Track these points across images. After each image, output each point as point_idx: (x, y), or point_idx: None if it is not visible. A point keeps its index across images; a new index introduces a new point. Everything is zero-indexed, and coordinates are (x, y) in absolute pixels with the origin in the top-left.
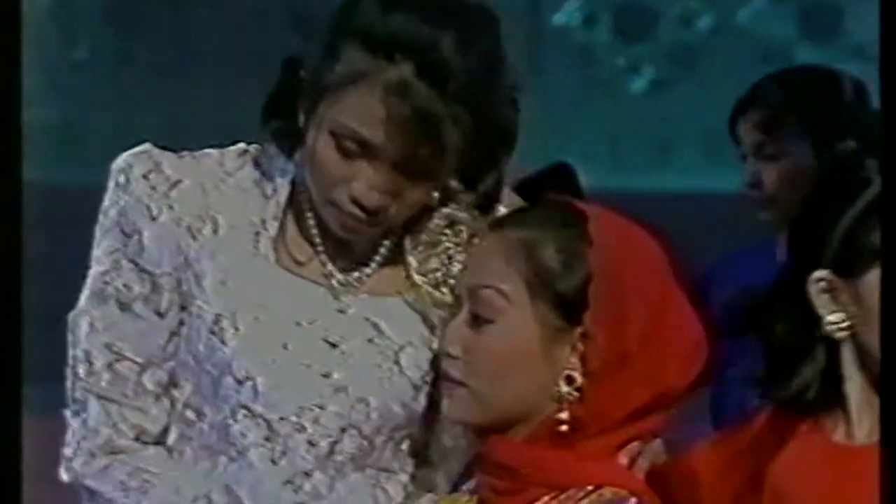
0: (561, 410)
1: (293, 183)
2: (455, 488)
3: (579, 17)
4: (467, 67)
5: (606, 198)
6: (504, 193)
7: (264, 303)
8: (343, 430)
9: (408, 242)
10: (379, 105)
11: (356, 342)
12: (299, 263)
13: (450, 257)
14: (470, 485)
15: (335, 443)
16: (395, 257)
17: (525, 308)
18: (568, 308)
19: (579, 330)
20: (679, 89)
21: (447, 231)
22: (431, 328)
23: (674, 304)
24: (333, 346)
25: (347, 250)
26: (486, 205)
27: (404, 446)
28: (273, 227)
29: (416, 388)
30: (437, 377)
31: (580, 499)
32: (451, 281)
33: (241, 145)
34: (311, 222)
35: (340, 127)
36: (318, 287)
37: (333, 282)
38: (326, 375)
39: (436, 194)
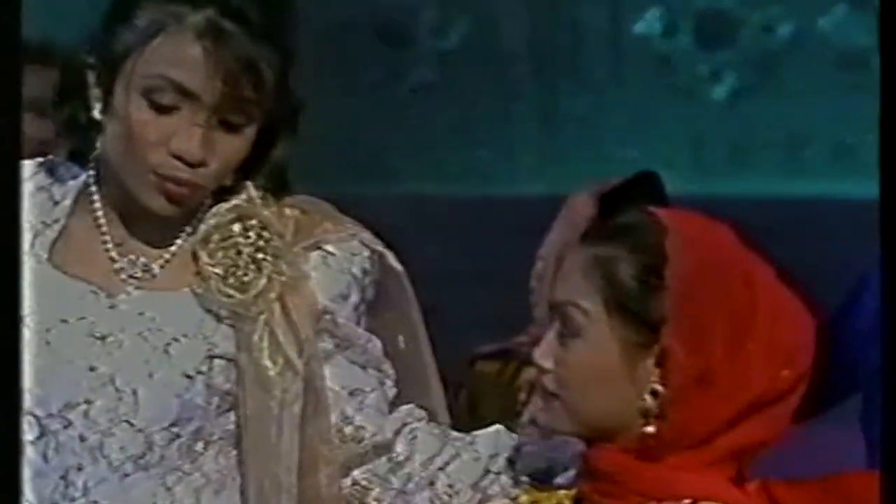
0: (648, 424)
1: (85, 185)
2: (548, 481)
3: (660, 26)
4: (263, 14)
5: (688, 204)
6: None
7: (29, 302)
8: (113, 423)
9: (198, 236)
10: (192, 47)
11: (126, 336)
12: (81, 263)
13: (238, 252)
14: (566, 477)
15: (106, 437)
16: (186, 252)
17: (603, 324)
18: (645, 325)
19: (660, 345)
20: (760, 96)
21: (236, 226)
22: (218, 320)
23: (762, 309)
24: (101, 340)
25: (138, 246)
26: (276, 182)
27: (198, 446)
28: (54, 230)
29: (190, 378)
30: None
31: None
32: (239, 273)
33: (50, 157)
34: (102, 220)
35: (153, 79)
36: (89, 285)
37: (121, 277)
38: (93, 369)
39: (230, 175)
